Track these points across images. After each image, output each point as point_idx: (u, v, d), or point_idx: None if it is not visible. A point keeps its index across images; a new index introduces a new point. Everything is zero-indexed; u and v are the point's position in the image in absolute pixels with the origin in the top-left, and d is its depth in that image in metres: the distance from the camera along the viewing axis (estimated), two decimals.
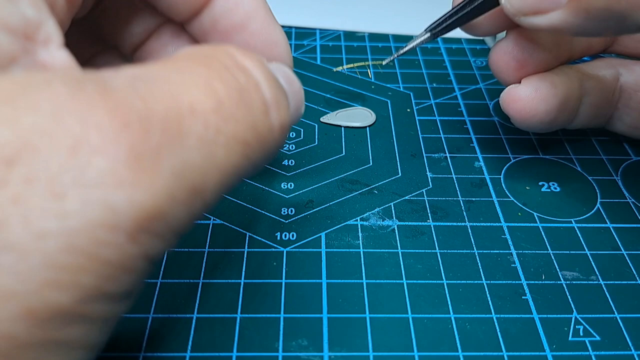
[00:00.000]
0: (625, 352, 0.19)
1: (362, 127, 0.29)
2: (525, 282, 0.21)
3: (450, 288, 0.21)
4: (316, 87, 0.32)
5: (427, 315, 0.20)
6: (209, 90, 0.13)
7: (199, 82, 0.13)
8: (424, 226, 0.23)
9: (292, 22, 0.38)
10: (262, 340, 0.19)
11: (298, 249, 0.22)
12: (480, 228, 0.23)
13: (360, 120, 0.29)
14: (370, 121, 0.29)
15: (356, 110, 0.30)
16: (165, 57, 0.14)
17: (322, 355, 0.18)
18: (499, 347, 0.19)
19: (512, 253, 0.22)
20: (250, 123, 0.13)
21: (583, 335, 0.19)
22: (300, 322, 0.19)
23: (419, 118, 0.30)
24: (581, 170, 0.27)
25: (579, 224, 0.24)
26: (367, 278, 0.21)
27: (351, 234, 0.23)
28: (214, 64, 0.14)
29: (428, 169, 0.26)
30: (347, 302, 0.20)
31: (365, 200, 0.25)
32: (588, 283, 0.21)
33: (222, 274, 0.21)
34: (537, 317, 0.20)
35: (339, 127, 0.29)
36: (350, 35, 0.37)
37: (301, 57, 0.35)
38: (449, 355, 0.18)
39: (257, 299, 0.20)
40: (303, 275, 0.21)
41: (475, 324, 0.20)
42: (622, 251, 0.22)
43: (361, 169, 0.26)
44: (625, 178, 0.26)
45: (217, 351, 0.18)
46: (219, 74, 0.13)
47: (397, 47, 0.36)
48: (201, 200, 0.12)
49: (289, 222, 0.23)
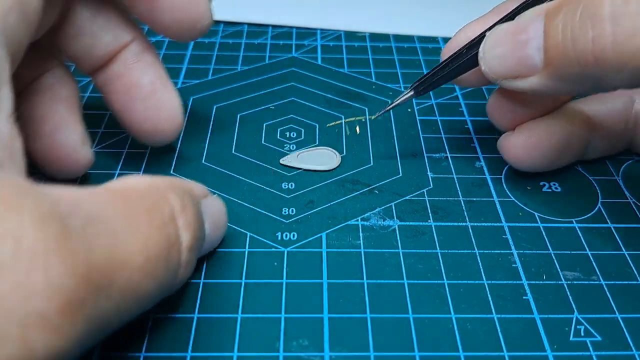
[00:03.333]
0: (626, 353, 0.19)
1: (326, 171, 0.26)
2: (526, 282, 0.21)
3: (451, 288, 0.21)
4: (317, 88, 0.32)
5: (428, 316, 0.20)
6: (143, 249, 0.14)
7: (138, 238, 0.14)
8: (425, 226, 0.23)
9: (292, 22, 0.38)
10: (263, 340, 0.19)
11: (299, 249, 0.22)
12: (481, 228, 0.23)
13: (324, 163, 0.26)
14: (334, 164, 0.26)
15: (319, 151, 0.27)
16: (114, 187, 0.16)
17: (322, 355, 0.18)
18: (500, 347, 0.19)
19: (513, 253, 0.22)
20: (161, 280, 0.15)
21: (584, 335, 0.19)
22: (301, 322, 0.19)
23: (420, 118, 0.30)
24: (582, 170, 0.27)
25: (580, 224, 0.24)
26: (368, 278, 0.21)
27: (352, 234, 0.23)
28: (155, 218, 0.15)
29: (429, 169, 0.26)
30: (348, 302, 0.20)
31: (366, 200, 0.24)
32: (589, 283, 0.21)
33: (222, 274, 0.21)
34: (538, 317, 0.20)
35: (299, 169, 0.26)
36: (351, 35, 0.37)
37: (302, 57, 0.35)
38: (449, 356, 0.18)
39: (257, 299, 0.20)
40: (304, 275, 0.21)
41: (476, 324, 0.19)
42: (623, 251, 0.22)
43: (362, 169, 0.26)
44: (626, 178, 0.26)
45: (218, 351, 0.18)
46: (156, 232, 0.15)
47: (397, 47, 0.36)
48: (100, 336, 0.14)
49: (290, 222, 0.23)
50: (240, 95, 0.31)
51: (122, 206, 0.15)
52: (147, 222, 0.15)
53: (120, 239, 0.14)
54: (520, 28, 0.19)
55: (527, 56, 0.19)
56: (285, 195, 0.25)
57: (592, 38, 0.16)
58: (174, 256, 0.16)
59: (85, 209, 0.13)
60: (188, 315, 0.19)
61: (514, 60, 0.19)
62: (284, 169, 0.26)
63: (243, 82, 0.32)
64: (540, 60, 0.18)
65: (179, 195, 0.17)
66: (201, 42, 0.36)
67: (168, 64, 0.34)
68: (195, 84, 0.32)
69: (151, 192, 0.16)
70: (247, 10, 0.39)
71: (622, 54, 0.16)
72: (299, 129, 0.29)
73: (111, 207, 0.14)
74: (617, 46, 0.16)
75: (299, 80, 0.33)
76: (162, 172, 0.26)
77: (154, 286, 0.15)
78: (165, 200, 0.16)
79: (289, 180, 0.25)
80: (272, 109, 0.30)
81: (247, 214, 0.24)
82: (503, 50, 0.19)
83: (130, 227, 0.14)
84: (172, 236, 0.16)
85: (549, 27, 0.18)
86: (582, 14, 0.17)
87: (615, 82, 0.17)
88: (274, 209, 0.24)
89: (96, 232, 0.13)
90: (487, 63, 0.20)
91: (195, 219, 0.17)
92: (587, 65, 0.17)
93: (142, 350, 0.18)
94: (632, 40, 0.16)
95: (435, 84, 0.24)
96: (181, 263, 0.16)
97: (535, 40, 0.18)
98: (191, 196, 0.18)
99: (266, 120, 0.29)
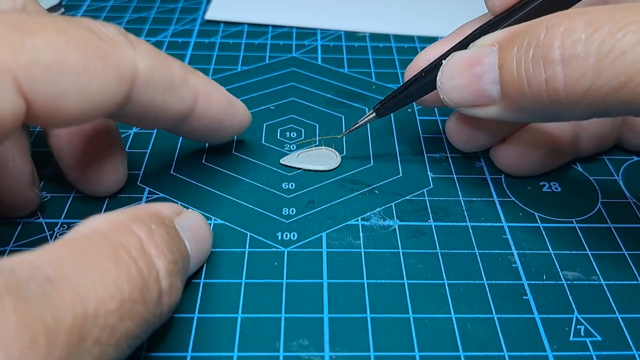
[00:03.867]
0: (626, 352, 0.19)
1: (326, 171, 0.26)
2: (526, 282, 0.21)
3: (451, 288, 0.21)
4: (317, 87, 0.32)
5: (428, 315, 0.20)
6: (115, 290, 0.14)
7: (107, 282, 0.14)
8: (425, 226, 0.23)
9: (293, 22, 0.38)
10: (263, 340, 0.19)
11: (299, 248, 0.22)
12: (481, 228, 0.23)
13: (325, 163, 0.26)
14: (334, 164, 0.26)
15: (320, 151, 0.27)
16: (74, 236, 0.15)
17: (323, 355, 0.18)
18: (500, 347, 0.19)
19: (513, 253, 0.22)
20: (143, 316, 0.15)
21: (584, 335, 0.19)
22: (301, 322, 0.19)
23: (420, 118, 0.30)
24: (582, 170, 0.27)
25: (580, 224, 0.24)
26: (368, 278, 0.21)
27: (352, 233, 0.23)
28: (121, 256, 0.15)
29: (429, 168, 0.26)
30: (348, 302, 0.20)
31: (366, 200, 0.25)
32: (589, 283, 0.21)
33: (223, 274, 0.21)
34: (538, 317, 0.20)
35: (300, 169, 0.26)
36: (351, 36, 0.37)
37: (302, 57, 0.35)
38: (450, 356, 0.18)
39: (258, 299, 0.20)
40: (304, 275, 0.21)
41: (476, 324, 0.20)
42: (624, 251, 0.22)
43: (362, 168, 0.26)
44: (626, 178, 0.26)
45: (218, 351, 0.18)
46: (126, 271, 0.14)
47: (397, 47, 0.36)
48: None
49: (290, 222, 0.23)
50: (241, 95, 0.31)
51: (84, 256, 0.14)
52: (114, 263, 0.14)
53: (87, 290, 0.13)
54: (475, 59, 0.19)
55: (483, 89, 0.19)
56: (286, 195, 0.25)
57: (545, 80, 0.17)
58: (153, 287, 0.15)
59: (43, 271, 0.13)
60: (188, 315, 0.19)
61: (471, 92, 0.19)
62: (284, 169, 0.26)
63: (243, 82, 0.32)
64: (497, 93, 0.19)
65: (144, 223, 0.16)
66: (201, 42, 0.36)
67: None
68: None
69: (113, 230, 0.16)
70: (247, 10, 0.39)
71: (574, 95, 0.16)
72: (299, 129, 0.29)
73: (71, 261, 0.14)
74: (569, 88, 0.16)
75: (299, 80, 0.33)
76: (163, 172, 0.26)
77: (136, 324, 0.14)
78: (130, 233, 0.16)
79: (289, 180, 0.26)
80: (272, 109, 0.30)
81: (247, 214, 0.24)
82: (460, 82, 0.20)
83: (97, 274, 0.14)
84: (144, 269, 0.15)
85: (503, 60, 0.18)
86: (534, 54, 0.17)
87: (570, 117, 0.18)
88: (274, 209, 0.24)
89: (58, 292, 0.13)
90: (445, 93, 0.20)
91: (168, 241, 0.17)
92: (542, 102, 0.17)
93: (143, 350, 0.18)
94: (583, 82, 0.16)
95: (397, 106, 0.24)
96: (162, 292, 0.16)
97: (490, 74, 0.19)
98: (160, 219, 0.17)
99: (266, 120, 0.29)
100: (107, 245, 0.15)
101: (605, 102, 0.16)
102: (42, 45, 0.15)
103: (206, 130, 0.23)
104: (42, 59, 0.15)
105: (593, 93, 0.16)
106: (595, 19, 0.16)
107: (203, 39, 0.36)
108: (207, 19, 0.39)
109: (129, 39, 0.18)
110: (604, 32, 0.16)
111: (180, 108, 0.21)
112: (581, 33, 0.16)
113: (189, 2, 0.41)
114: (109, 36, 0.17)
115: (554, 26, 0.17)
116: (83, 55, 0.16)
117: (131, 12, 0.39)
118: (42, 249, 0.14)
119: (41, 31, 0.15)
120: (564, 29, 0.16)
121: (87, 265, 0.14)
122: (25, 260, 0.13)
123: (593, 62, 0.16)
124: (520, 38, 0.18)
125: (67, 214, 0.23)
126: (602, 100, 0.16)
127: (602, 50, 0.16)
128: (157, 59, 0.19)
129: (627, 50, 0.15)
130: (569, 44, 0.16)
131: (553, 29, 0.17)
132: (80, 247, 0.15)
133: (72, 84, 0.16)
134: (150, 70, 0.18)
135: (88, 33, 0.16)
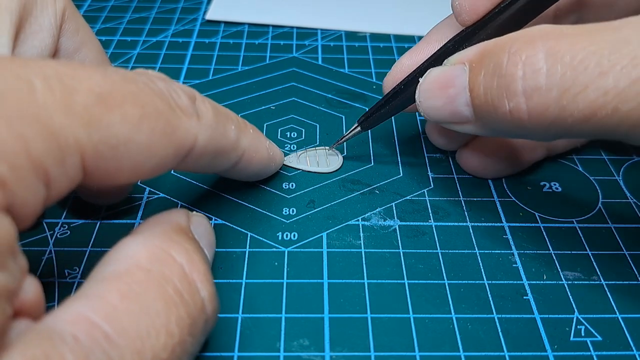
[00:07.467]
0: (626, 353, 0.19)
1: (328, 173, 0.26)
2: (526, 282, 0.21)
3: (451, 288, 0.21)
4: (317, 87, 0.32)
5: (428, 315, 0.20)
6: (167, 339, 0.14)
7: (160, 330, 0.14)
8: (426, 226, 0.23)
9: (293, 22, 0.38)
10: (264, 340, 0.19)
11: (299, 249, 0.22)
12: (482, 228, 0.23)
13: (326, 165, 0.26)
14: (336, 166, 0.26)
15: (322, 152, 0.27)
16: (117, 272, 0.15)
17: (323, 355, 0.18)
18: (501, 347, 0.19)
19: (514, 253, 0.22)
20: (189, 352, 0.15)
21: (584, 335, 0.19)
22: (301, 322, 0.19)
23: (420, 118, 0.30)
24: (583, 170, 0.27)
25: (581, 224, 0.24)
26: (369, 278, 0.21)
27: (352, 233, 0.23)
28: (168, 293, 0.14)
29: (429, 168, 0.26)
30: (349, 302, 0.20)
31: (367, 200, 0.25)
32: (589, 283, 0.21)
33: (223, 274, 0.21)
34: (538, 317, 0.20)
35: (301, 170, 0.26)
36: (351, 36, 0.37)
37: (302, 57, 0.35)
38: (450, 355, 0.18)
39: (258, 299, 0.20)
40: (304, 275, 0.21)
41: (476, 324, 0.20)
42: (624, 251, 0.22)
43: (362, 168, 0.26)
44: (626, 178, 0.26)
45: (219, 351, 0.18)
46: (175, 311, 0.14)
47: (398, 47, 0.36)
48: None
49: (291, 222, 0.23)
50: (241, 95, 0.31)
51: (134, 302, 0.14)
52: (163, 302, 0.14)
53: (143, 345, 0.13)
54: (448, 80, 0.19)
55: (458, 110, 0.19)
56: (286, 195, 0.25)
57: (509, 110, 0.17)
58: (199, 319, 0.15)
59: (102, 329, 0.13)
60: None
61: (447, 113, 0.20)
62: (285, 169, 0.26)
63: (244, 82, 0.32)
64: (470, 114, 0.19)
65: (179, 244, 0.16)
66: (202, 42, 0.36)
67: (169, 64, 0.34)
68: (196, 83, 0.32)
69: (154, 262, 0.15)
70: (247, 10, 0.39)
71: (539, 126, 0.17)
72: (300, 129, 0.29)
73: (125, 310, 0.13)
74: (534, 119, 0.16)
75: (299, 80, 0.33)
76: None
77: (184, 357, 0.14)
78: (172, 261, 0.15)
79: (289, 180, 0.26)
80: (273, 109, 0.30)
81: (248, 214, 0.24)
82: (436, 103, 0.20)
83: (150, 321, 0.14)
84: (191, 304, 0.15)
85: (473, 84, 0.18)
86: (498, 83, 0.17)
87: (543, 139, 0.18)
88: (275, 209, 0.24)
89: (120, 357, 0.13)
90: (425, 111, 0.21)
91: (203, 259, 0.16)
92: (512, 127, 0.17)
93: None
94: (547, 114, 0.16)
95: (381, 119, 0.24)
96: (207, 319, 0.15)
97: (462, 96, 0.19)
98: (186, 234, 0.17)
99: (267, 120, 0.29)
100: (153, 282, 0.14)
101: (572, 131, 0.16)
102: (118, 122, 0.14)
103: (239, 177, 0.23)
104: (113, 139, 0.14)
105: (558, 124, 0.16)
106: (555, 47, 0.16)
107: (203, 39, 0.36)
108: (207, 19, 0.39)
109: (197, 106, 0.18)
110: (564, 63, 0.15)
111: (224, 167, 0.21)
112: (542, 63, 0.16)
113: (190, 2, 0.41)
114: (180, 106, 0.17)
115: (515, 53, 0.16)
116: (151, 132, 0.15)
117: (132, 12, 0.39)
118: (94, 296, 0.14)
119: (120, 106, 0.14)
120: (525, 58, 0.16)
121: (140, 311, 0.14)
122: (81, 317, 0.13)
123: (555, 96, 0.16)
124: (487, 61, 0.17)
125: (67, 214, 0.23)
126: (568, 129, 0.16)
127: (564, 84, 0.15)
128: (217, 129, 0.18)
129: (588, 84, 0.15)
130: (531, 75, 0.16)
131: (514, 56, 0.16)
132: (129, 289, 0.14)
133: (132, 160, 0.15)
134: (207, 142, 0.18)
135: (161, 104, 0.16)
